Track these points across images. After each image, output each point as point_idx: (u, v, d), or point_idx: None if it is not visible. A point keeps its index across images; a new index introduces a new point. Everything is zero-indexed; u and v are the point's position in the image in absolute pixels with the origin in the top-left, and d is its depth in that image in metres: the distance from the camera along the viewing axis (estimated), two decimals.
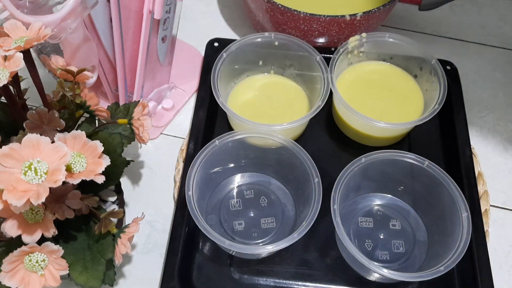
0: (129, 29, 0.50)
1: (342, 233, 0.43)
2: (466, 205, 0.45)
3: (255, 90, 0.58)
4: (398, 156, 0.48)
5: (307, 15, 0.56)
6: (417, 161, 0.48)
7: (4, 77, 0.34)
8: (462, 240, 0.43)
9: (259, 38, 0.56)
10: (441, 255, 0.44)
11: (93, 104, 0.45)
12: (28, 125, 0.37)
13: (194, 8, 0.71)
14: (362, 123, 0.53)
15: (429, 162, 0.47)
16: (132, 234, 0.41)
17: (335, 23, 0.57)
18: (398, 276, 0.42)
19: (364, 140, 0.56)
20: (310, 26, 0.58)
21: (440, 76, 0.53)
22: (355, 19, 0.57)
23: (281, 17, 0.58)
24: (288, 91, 0.58)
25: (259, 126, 0.49)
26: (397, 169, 0.49)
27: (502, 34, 0.70)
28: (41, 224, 0.37)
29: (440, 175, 0.47)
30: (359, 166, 0.47)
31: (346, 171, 0.47)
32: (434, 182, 0.48)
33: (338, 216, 0.44)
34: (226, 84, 0.57)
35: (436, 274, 0.42)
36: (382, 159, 0.48)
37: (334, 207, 0.44)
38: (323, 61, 0.54)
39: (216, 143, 0.48)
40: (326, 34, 0.60)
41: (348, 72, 0.58)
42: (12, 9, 0.38)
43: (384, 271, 0.42)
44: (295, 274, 0.48)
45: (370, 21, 0.59)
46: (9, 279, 0.37)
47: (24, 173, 0.33)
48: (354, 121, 0.54)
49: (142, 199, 0.53)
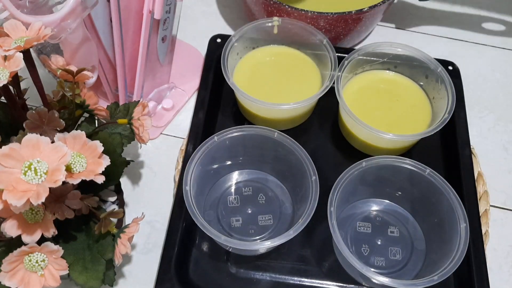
0: (129, 29, 0.50)
1: (337, 236, 0.43)
2: (465, 215, 0.45)
3: (265, 62, 0.59)
4: (398, 162, 0.48)
5: (315, 13, 0.57)
6: (418, 169, 0.47)
7: (4, 77, 0.34)
8: (458, 251, 0.43)
9: (269, 22, 0.56)
10: (437, 263, 0.44)
11: (92, 103, 0.45)
12: (28, 125, 0.37)
13: (194, 8, 0.71)
14: (369, 134, 0.52)
15: (430, 170, 0.47)
16: (132, 234, 0.41)
17: (342, 19, 0.58)
18: (390, 283, 0.42)
19: (371, 151, 0.55)
20: (317, 25, 0.58)
21: (447, 84, 0.53)
22: (361, 13, 0.57)
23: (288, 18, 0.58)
24: (300, 64, 0.59)
25: (266, 105, 0.51)
26: (397, 175, 0.49)
27: (502, 34, 0.70)
28: (41, 224, 0.37)
29: (440, 184, 0.47)
30: (359, 170, 0.47)
31: (346, 174, 0.47)
32: (434, 190, 0.47)
33: (334, 219, 0.44)
34: (233, 61, 0.57)
35: (430, 283, 0.42)
36: (383, 164, 0.48)
37: (331, 209, 0.44)
38: (330, 44, 0.55)
39: (214, 139, 0.48)
40: (333, 31, 0.60)
41: (353, 82, 0.58)
42: (12, 9, 0.38)
43: (376, 277, 0.42)
44: (291, 270, 0.48)
45: (375, 15, 0.59)
46: (9, 279, 0.37)
47: (24, 173, 0.33)
48: (361, 132, 0.53)
49: (142, 199, 0.53)
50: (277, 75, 0.58)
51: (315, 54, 0.58)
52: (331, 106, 0.58)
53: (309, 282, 0.48)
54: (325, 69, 0.56)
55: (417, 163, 0.48)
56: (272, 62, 0.59)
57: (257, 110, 0.55)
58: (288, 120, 0.56)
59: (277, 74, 0.58)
